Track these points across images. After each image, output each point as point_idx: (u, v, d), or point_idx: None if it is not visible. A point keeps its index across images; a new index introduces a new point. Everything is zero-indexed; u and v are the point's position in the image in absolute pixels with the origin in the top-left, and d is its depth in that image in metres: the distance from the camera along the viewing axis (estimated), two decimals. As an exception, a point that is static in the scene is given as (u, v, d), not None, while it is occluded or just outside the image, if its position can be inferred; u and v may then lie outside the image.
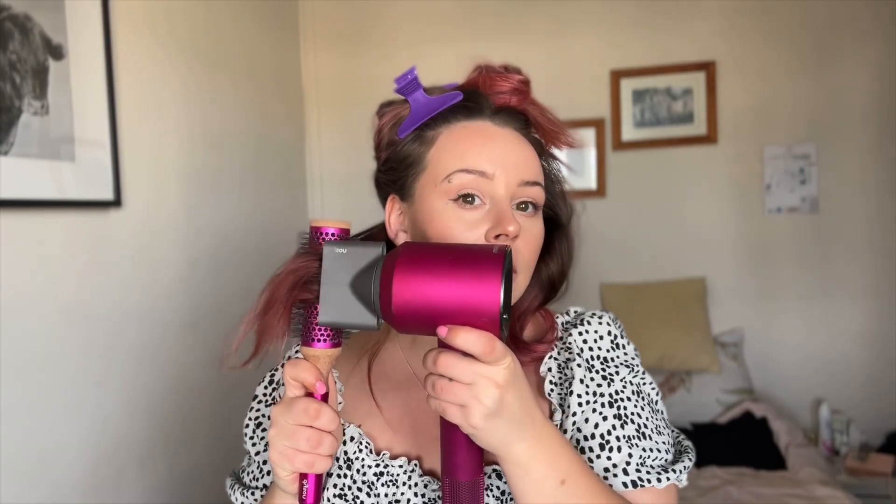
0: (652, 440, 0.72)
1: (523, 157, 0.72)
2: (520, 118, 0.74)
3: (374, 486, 0.75)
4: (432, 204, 0.70)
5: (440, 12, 3.02)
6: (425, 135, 0.72)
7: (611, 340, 0.76)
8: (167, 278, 2.02)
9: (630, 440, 0.71)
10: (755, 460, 2.35)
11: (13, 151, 1.48)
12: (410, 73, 0.72)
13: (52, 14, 1.60)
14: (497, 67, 0.75)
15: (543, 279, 0.78)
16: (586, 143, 2.93)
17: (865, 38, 2.75)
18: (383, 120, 0.76)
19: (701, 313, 2.83)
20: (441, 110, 0.72)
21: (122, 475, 1.81)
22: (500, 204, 0.69)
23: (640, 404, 0.73)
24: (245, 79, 2.53)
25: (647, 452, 0.71)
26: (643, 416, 0.73)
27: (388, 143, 0.75)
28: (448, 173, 0.69)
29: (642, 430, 0.72)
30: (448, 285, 0.56)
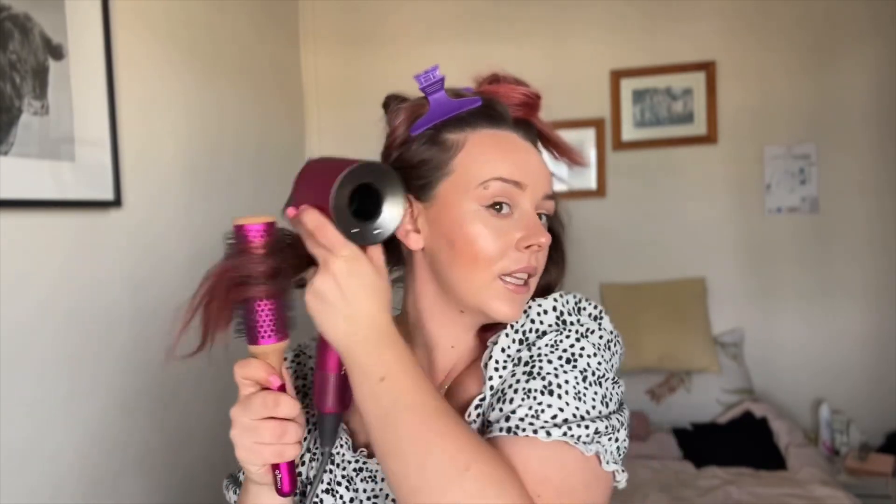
0: (560, 400, 0.64)
1: (545, 172, 0.75)
2: (533, 131, 0.76)
3: (354, 480, 0.76)
4: (463, 207, 0.70)
5: (440, 13, 3.02)
6: (446, 138, 0.72)
7: (556, 316, 0.72)
8: (167, 278, 2.02)
9: (530, 392, 0.64)
10: (755, 460, 2.35)
11: (13, 151, 1.48)
12: (433, 72, 0.72)
13: (52, 14, 1.60)
14: (511, 78, 0.77)
15: (541, 285, 0.78)
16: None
17: (865, 38, 2.75)
18: (400, 117, 0.75)
19: (701, 313, 2.83)
20: (459, 114, 0.72)
21: (121, 475, 1.81)
22: (529, 214, 0.71)
23: (566, 368, 0.66)
24: (245, 79, 2.53)
25: (545, 408, 0.63)
26: (560, 378, 0.65)
27: (402, 142, 0.75)
28: (483, 180, 0.70)
29: (551, 387, 0.64)
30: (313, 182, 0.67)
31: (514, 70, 0.79)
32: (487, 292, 0.70)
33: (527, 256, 0.70)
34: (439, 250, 0.72)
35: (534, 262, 0.71)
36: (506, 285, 0.70)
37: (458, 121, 0.72)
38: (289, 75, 2.96)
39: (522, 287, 0.71)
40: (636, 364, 2.74)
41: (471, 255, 0.69)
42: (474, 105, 0.73)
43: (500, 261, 0.69)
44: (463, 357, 0.77)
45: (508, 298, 0.70)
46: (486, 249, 0.69)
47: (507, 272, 0.69)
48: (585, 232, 2.97)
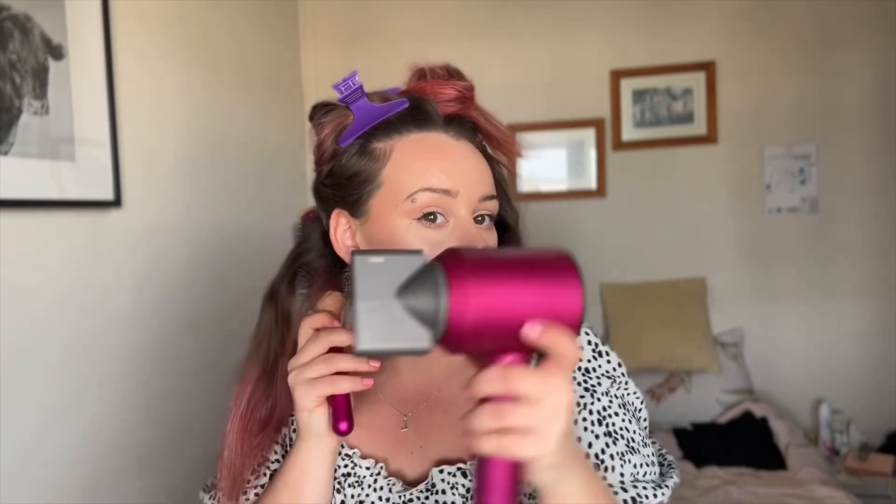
0: (641, 454, 0.71)
1: (480, 171, 0.70)
2: (468, 126, 0.72)
3: (342, 485, 0.75)
4: (395, 223, 0.68)
5: (440, 12, 3.02)
6: (375, 148, 0.69)
7: (592, 349, 0.74)
8: (167, 278, 2.02)
9: (622, 457, 0.70)
10: (755, 460, 2.35)
11: (13, 151, 1.48)
12: (352, 79, 0.68)
13: (52, 14, 1.60)
14: (440, 71, 0.73)
15: None
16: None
17: (865, 38, 2.75)
18: (325, 131, 0.72)
19: (701, 313, 2.83)
20: (387, 118, 0.69)
21: (121, 475, 1.81)
22: (465, 221, 0.68)
23: (627, 417, 0.72)
24: (245, 78, 2.53)
25: (638, 468, 0.70)
26: (631, 430, 0.72)
27: (331, 155, 0.72)
28: (411, 192, 0.67)
29: (631, 444, 0.71)
30: (527, 291, 0.49)
31: (515, 70, 0.78)
32: None
33: None
34: None
35: None
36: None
37: (387, 126, 0.69)
38: (289, 75, 2.96)
39: None
40: (636, 364, 2.74)
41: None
42: (400, 108, 0.70)
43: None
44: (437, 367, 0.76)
45: None
46: None
47: None
48: (585, 232, 2.97)
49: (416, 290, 0.49)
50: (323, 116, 0.73)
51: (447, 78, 0.72)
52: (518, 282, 0.49)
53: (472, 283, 0.48)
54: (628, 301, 2.90)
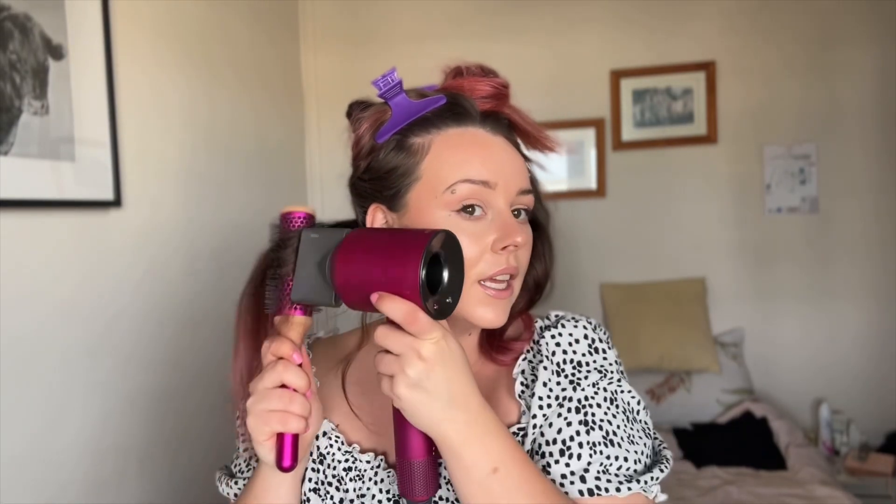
0: (621, 448, 0.69)
1: (518, 166, 0.72)
2: (504, 123, 0.73)
3: (343, 480, 0.76)
4: (433, 215, 0.69)
5: (440, 12, 3.02)
6: (413, 142, 0.70)
7: (588, 344, 0.74)
8: (167, 278, 2.02)
9: (594, 447, 0.68)
10: (755, 460, 2.35)
11: (13, 151, 1.48)
12: (391, 75, 0.69)
13: (52, 14, 1.60)
14: (476, 69, 0.74)
15: (530, 281, 0.77)
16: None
17: (865, 39, 2.75)
18: (363, 127, 0.73)
19: (701, 313, 2.83)
20: (424, 114, 0.70)
21: (122, 475, 1.81)
22: (503, 213, 0.69)
23: (613, 412, 0.70)
24: (245, 78, 2.53)
25: (612, 460, 0.68)
26: (614, 424, 0.69)
27: (368, 151, 0.73)
28: (450, 184, 0.68)
29: (610, 436, 0.69)
30: (378, 259, 0.60)
31: (514, 70, 0.78)
32: (468, 299, 0.68)
33: (504, 258, 0.68)
34: None
35: (513, 262, 0.69)
36: (486, 290, 0.69)
37: (424, 122, 0.70)
38: (289, 75, 2.96)
39: (504, 291, 0.69)
40: (636, 364, 2.74)
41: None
42: (438, 104, 0.70)
43: (477, 265, 0.68)
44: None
45: (490, 304, 0.69)
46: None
47: (486, 276, 0.68)
48: (585, 232, 2.97)
49: (326, 258, 0.63)
50: (361, 112, 0.74)
51: (483, 75, 0.73)
52: (374, 253, 0.61)
53: (341, 257, 0.62)
54: (628, 301, 2.90)
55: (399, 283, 0.59)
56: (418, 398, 0.59)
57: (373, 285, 0.60)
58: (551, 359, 0.73)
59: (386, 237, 0.62)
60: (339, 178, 0.85)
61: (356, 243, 0.62)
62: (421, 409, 0.60)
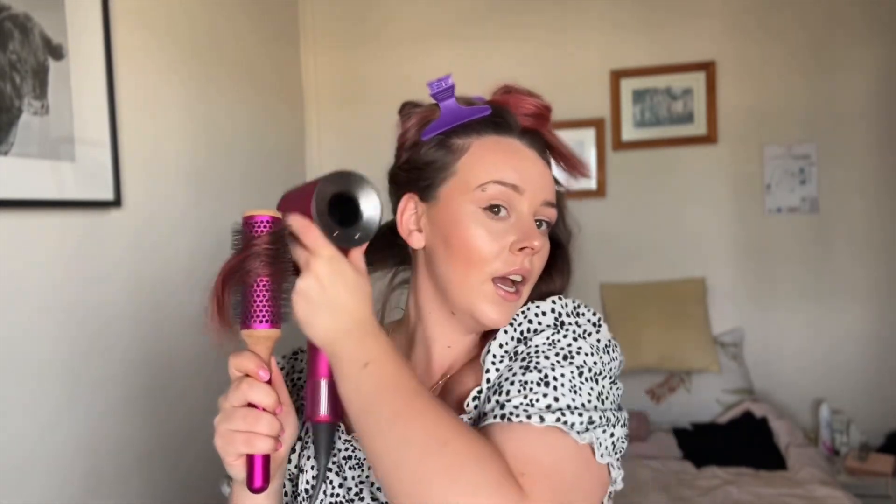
0: (557, 391, 0.63)
1: (546, 179, 0.76)
2: (540, 141, 0.78)
3: (343, 468, 0.77)
4: (462, 208, 0.73)
5: (440, 12, 3.02)
6: (453, 143, 0.75)
7: (555, 318, 0.71)
8: (167, 278, 2.02)
9: (526, 384, 0.64)
10: (755, 460, 2.35)
11: (13, 151, 1.48)
12: (445, 80, 0.75)
13: (52, 14, 1.60)
14: (523, 90, 0.78)
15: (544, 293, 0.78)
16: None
17: (865, 39, 2.75)
18: (411, 121, 0.78)
19: (701, 313, 2.83)
20: (469, 120, 0.75)
21: (121, 475, 1.81)
22: (526, 219, 0.73)
23: (562, 364, 0.66)
24: (245, 79, 2.53)
25: (541, 397, 0.63)
26: (557, 371, 0.65)
27: (412, 144, 0.78)
28: (482, 182, 0.72)
29: (547, 379, 0.64)
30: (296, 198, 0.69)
31: (514, 70, 0.80)
32: (478, 294, 0.71)
33: (520, 259, 0.72)
34: (437, 249, 0.74)
35: (527, 264, 0.72)
36: (497, 289, 0.71)
37: (466, 127, 0.75)
38: (289, 75, 2.96)
39: (513, 294, 0.72)
40: (636, 364, 2.74)
41: (465, 255, 0.71)
42: (483, 113, 0.75)
43: (493, 262, 0.71)
44: (460, 358, 0.79)
45: (497, 303, 0.72)
46: (480, 250, 0.71)
47: (500, 274, 0.71)
48: (585, 232, 2.94)
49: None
50: (412, 108, 0.80)
51: (528, 96, 0.78)
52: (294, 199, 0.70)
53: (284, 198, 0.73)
54: (628, 301, 2.90)
55: (302, 211, 0.66)
56: (304, 307, 0.64)
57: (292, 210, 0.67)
58: (515, 327, 0.72)
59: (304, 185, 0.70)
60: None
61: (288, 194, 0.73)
62: (307, 318, 0.64)
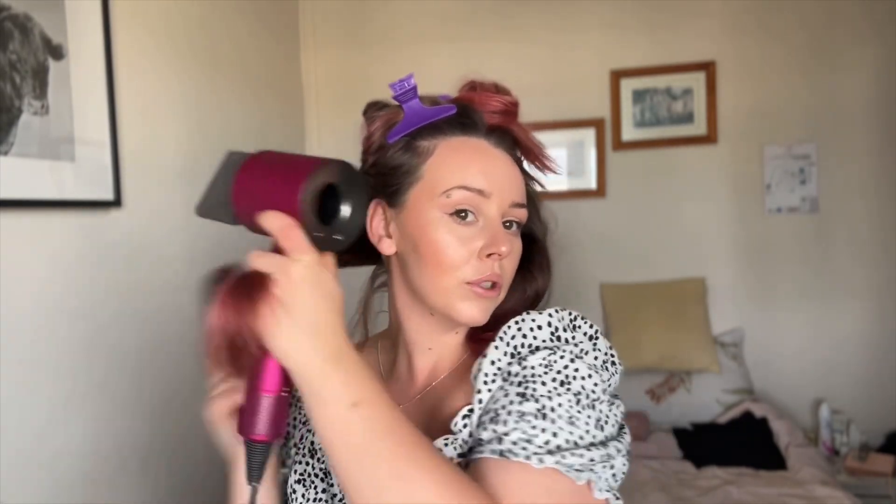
0: (554, 424, 0.61)
1: (515, 179, 0.74)
2: (508, 138, 0.76)
3: (330, 474, 0.77)
4: (428, 215, 0.71)
5: (440, 12, 3.02)
6: (419, 145, 0.73)
7: (551, 332, 0.68)
8: (167, 278, 2.02)
9: (523, 416, 0.61)
10: (755, 460, 2.35)
11: (13, 151, 1.48)
12: (408, 80, 0.72)
13: (52, 14, 1.60)
14: (489, 85, 0.76)
15: (530, 292, 0.79)
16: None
17: (865, 38, 2.75)
18: (375, 124, 0.76)
19: (701, 313, 2.83)
20: (434, 121, 0.73)
21: (122, 475, 1.81)
22: (493, 223, 0.71)
23: (559, 391, 0.63)
24: (245, 79, 2.53)
25: (538, 433, 0.60)
26: (554, 401, 0.62)
27: (377, 148, 0.76)
28: (447, 188, 0.70)
29: (544, 411, 0.62)
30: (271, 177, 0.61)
31: (514, 70, 0.79)
32: (453, 295, 0.70)
33: (489, 265, 0.70)
34: (408, 254, 0.73)
35: (497, 269, 0.70)
36: (472, 288, 0.70)
37: (433, 128, 0.73)
38: (289, 75, 2.96)
39: (490, 291, 0.70)
40: (636, 364, 2.74)
41: (434, 262, 0.70)
42: (449, 113, 0.73)
43: (463, 268, 0.70)
44: (443, 360, 0.77)
45: (475, 300, 0.70)
46: (448, 257, 0.69)
47: (470, 280, 0.70)
48: (585, 232, 2.97)
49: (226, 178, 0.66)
50: (375, 111, 0.78)
51: (495, 92, 0.76)
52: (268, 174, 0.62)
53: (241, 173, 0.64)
54: (628, 301, 2.90)
55: (284, 200, 0.58)
56: (279, 319, 0.56)
57: (262, 202, 0.60)
58: (508, 341, 0.69)
59: (286, 158, 0.63)
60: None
61: (259, 161, 0.64)
62: (281, 332, 0.56)
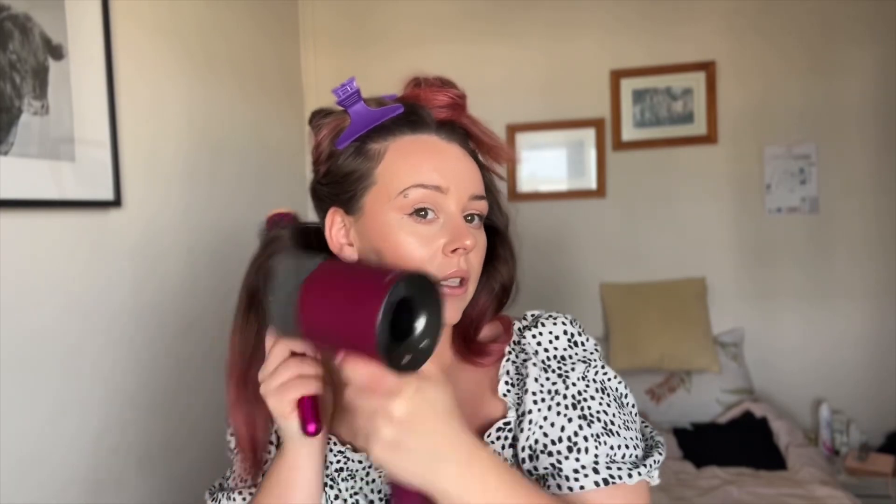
0: (620, 436, 0.71)
1: (470, 172, 0.74)
2: (460, 132, 0.75)
3: (336, 480, 0.77)
4: (386, 218, 0.70)
5: (440, 13, 3.02)
6: (370, 148, 0.72)
7: (567, 339, 0.76)
8: (167, 278, 2.02)
9: (598, 438, 0.70)
10: (755, 460, 2.35)
11: (13, 151, 1.48)
12: (350, 84, 0.72)
13: (52, 14, 1.60)
14: (434, 80, 0.76)
15: (495, 285, 0.79)
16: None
17: (865, 39, 2.75)
18: (322, 133, 0.76)
19: (701, 313, 2.83)
20: (382, 122, 0.72)
21: (121, 475, 1.81)
22: (454, 218, 0.71)
23: (606, 401, 0.73)
24: (245, 79, 2.53)
25: (616, 449, 0.70)
26: (609, 413, 0.72)
27: (327, 156, 0.75)
28: (403, 188, 0.70)
29: (609, 427, 0.71)
30: (337, 313, 0.56)
31: (515, 70, 0.79)
32: None
33: (455, 261, 0.70)
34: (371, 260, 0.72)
35: (464, 265, 0.71)
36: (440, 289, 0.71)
37: (382, 129, 0.72)
38: (289, 75, 2.96)
39: (458, 289, 0.71)
40: (636, 364, 2.74)
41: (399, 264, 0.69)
42: (396, 113, 0.73)
43: (428, 267, 0.69)
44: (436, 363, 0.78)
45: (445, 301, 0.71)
46: (412, 257, 0.69)
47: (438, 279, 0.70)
48: (585, 232, 2.97)
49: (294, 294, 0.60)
50: (321, 119, 0.77)
51: (440, 86, 0.75)
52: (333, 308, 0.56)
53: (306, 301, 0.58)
54: (628, 301, 2.90)
55: (359, 342, 0.54)
56: (398, 459, 0.56)
57: (334, 340, 0.57)
58: (536, 356, 0.75)
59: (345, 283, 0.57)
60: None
61: (318, 286, 0.58)
62: (404, 470, 0.57)
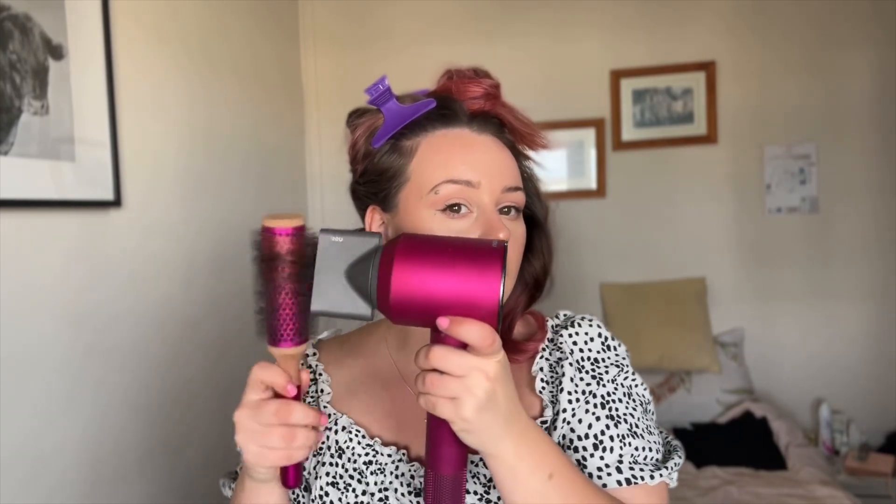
0: (644, 439, 0.74)
1: (504, 163, 0.73)
2: (494, 122, 0.75)
3: (364, 473, 0.77)
4: (420, 215, 0.70)
5: (440, 13, 3.02)
6: (403, 145, 0.73)
7: (601, 342, 0.78)
8: (167, 278, 2.02)
9: (623, 439, 0.73)
10: (755, 460, 2.35)
11: (13, 151, 1.48)
12: (381, 83, 0.71)
13: (52, 14, 1.60)
14: (467, 72, 0.76)
15: (528, 278, 0.79)
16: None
17: (865, 38, 2.75)
18: (357, 132, 0.76)
19: (701, 313, 2.83)
20: (416, 118, 0.72)
21: (121, 475, 1.81)
22: (488, 211, 0.71)
23: (632, 405, 0.75)
24: (245, 79, 2.53)
25: (639, 451, 0.73)
26: (635, 417, 0.75)
27: (364, 155, 0.76)
28: (434, 185, 0.70)
29: (634, 429, 0.74)
30: (448, 277, 0.56)
31: (515, 70, 0.79)
32: None
33: None
34: None
35: None
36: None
37: (415, 125, 0.73)
38: (289, 75, 2.96)
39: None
40: (636, 364, 2.72)
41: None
42: (428, 108, 0.72)
43: None
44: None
45: None
46: None
47: None
48: (585, 232, 2.97)
49: (359, 267, 0.59)
50: (356, 119, 0.77)
51: (474, 77, 0.75)
52: (441, 269, 0.57)
53: (399, 267, 0.57)
54: (628, 301, 2.90)
55: (476, 304, 0.55)
56: (486, 419, 0.57)
57: (441, 305, 0.56)
58: (572, 356, 0.76)
59: (449, 248, 0.58)
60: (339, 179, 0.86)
61: (415, 254, 0.58)
62: (487, 430, 0.58)
